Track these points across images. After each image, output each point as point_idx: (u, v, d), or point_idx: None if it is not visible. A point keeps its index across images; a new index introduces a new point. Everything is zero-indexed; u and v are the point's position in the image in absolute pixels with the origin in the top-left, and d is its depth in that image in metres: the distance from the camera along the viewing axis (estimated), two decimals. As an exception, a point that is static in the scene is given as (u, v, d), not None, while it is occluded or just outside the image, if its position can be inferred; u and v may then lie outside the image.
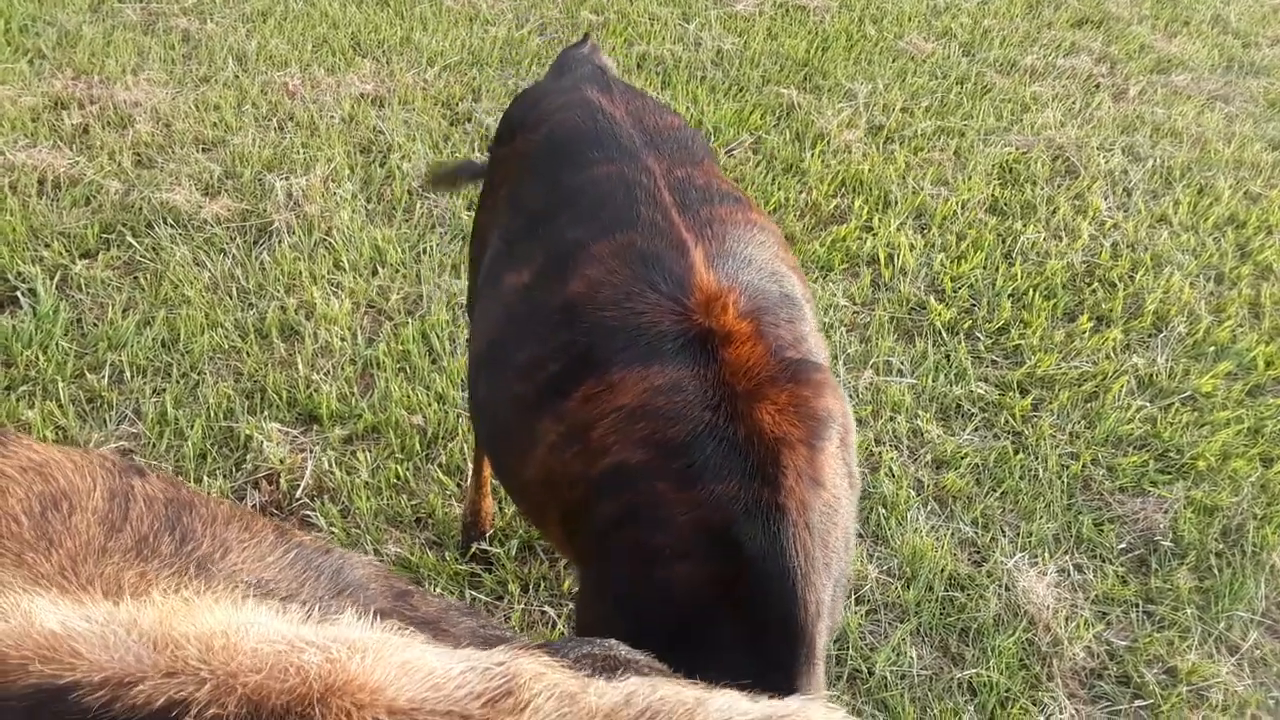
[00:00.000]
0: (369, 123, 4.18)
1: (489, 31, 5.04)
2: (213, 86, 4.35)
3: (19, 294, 3.17)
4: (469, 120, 4.33)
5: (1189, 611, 2.74)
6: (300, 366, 3.05)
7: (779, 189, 4.11)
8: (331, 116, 4.22)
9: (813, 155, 4.34)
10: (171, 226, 3.50)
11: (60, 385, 2.87)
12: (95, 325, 3.11)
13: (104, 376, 2.95)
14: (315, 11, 5.03)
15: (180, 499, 0.95)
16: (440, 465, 2.83)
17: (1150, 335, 3.67)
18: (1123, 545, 2.89)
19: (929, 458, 3.08)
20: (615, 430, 1.52)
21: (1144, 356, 3.54)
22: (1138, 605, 2.74)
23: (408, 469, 2.80)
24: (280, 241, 3.50)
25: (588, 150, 1.85)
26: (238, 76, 4.43)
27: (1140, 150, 4.72)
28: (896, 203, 4.14)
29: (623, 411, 1.52)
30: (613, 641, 0.95)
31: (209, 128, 4.06)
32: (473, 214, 3.69)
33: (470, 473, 2.65)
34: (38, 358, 2.95)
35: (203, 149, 3.95)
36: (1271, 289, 3.93)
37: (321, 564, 0.96)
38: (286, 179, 3.77)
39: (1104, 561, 2.85)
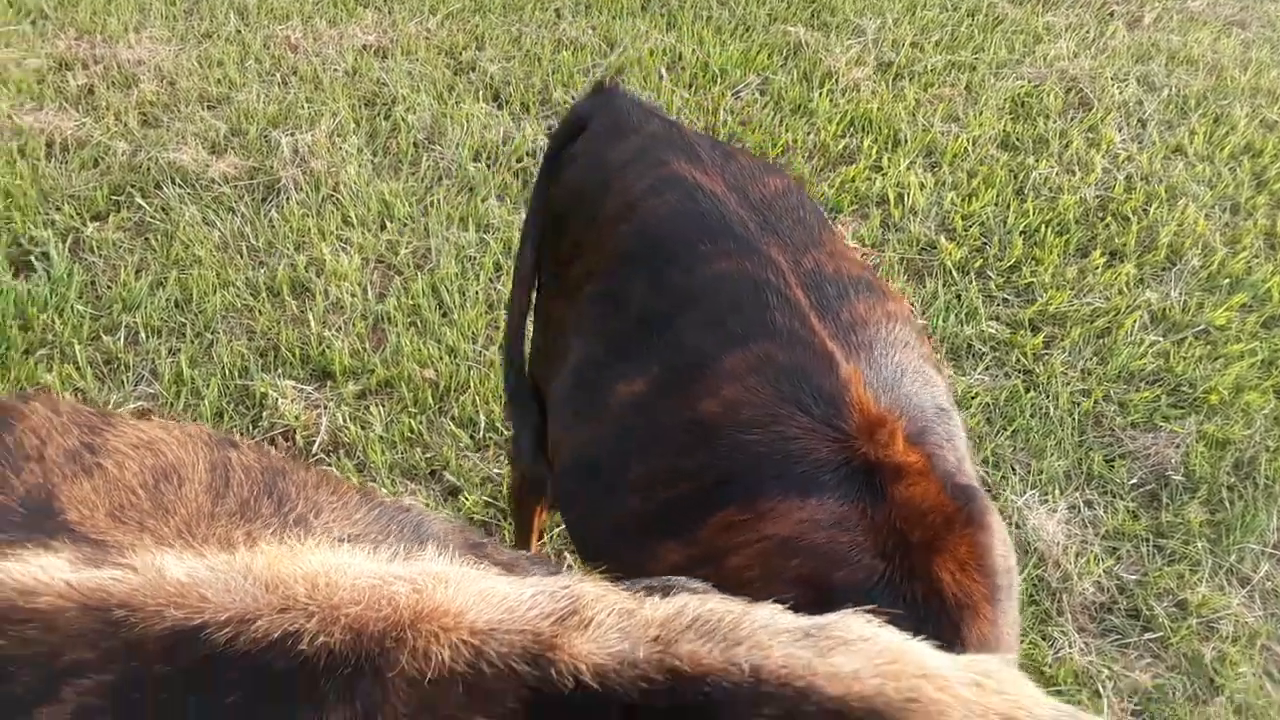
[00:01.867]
0: (372, 75, 4.16)
1: (491, -23, 4.98)
2: (215, 42, 4.33)
3: (33, 258, 3.20)
4: (473, 69, 4.30)
5: (1200, 545, 2.76)
6: (312, 323, 3.07)
7: (787, 130, 4.08)
8: (335, 69, 4.19)
9: (821, 95, 4.29)
10: (180, 186, 3.51)
11: (77, 347, 2.91)
12: (109, 287, 3.14)
13: (119, 338, 2.98)
14: (315, -38, 4.98)
15: (273, 466, 1.02)
16: (453, 418, 2.86)
17: (1164, 269, 3.64)
18: (1134, 481, 2.90)
19: (940, 398, 3.09)
20: (760, 562, 1.38)
21: (1157, 291, 3.52)
22: (1148, 540, 2.76)
23: (421, 422, 2.84)
24: (288, 198, 3.51)
25: (698, 244, 1.63)
26: (239, 31, 4.40)
27: (1155, 80, 4.64)
28: (906, 141, 4.10)
29: (772, 542, 1.37)
30: (671, 577, 0.99)
31: (213, 85, 4.05)
32: (478, 169, 3.69)
33: (513, 528, 2.42)
34: (54, 321, 2.98)
35: (208, 106, 3.94)
36: (1288, 218, 3.89)
37: (403, 520, 1.04)
38: (292, 135, 3.77)
39: (1114, 497, 2.86)
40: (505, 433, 2.79)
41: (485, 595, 0.78)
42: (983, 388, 3.12)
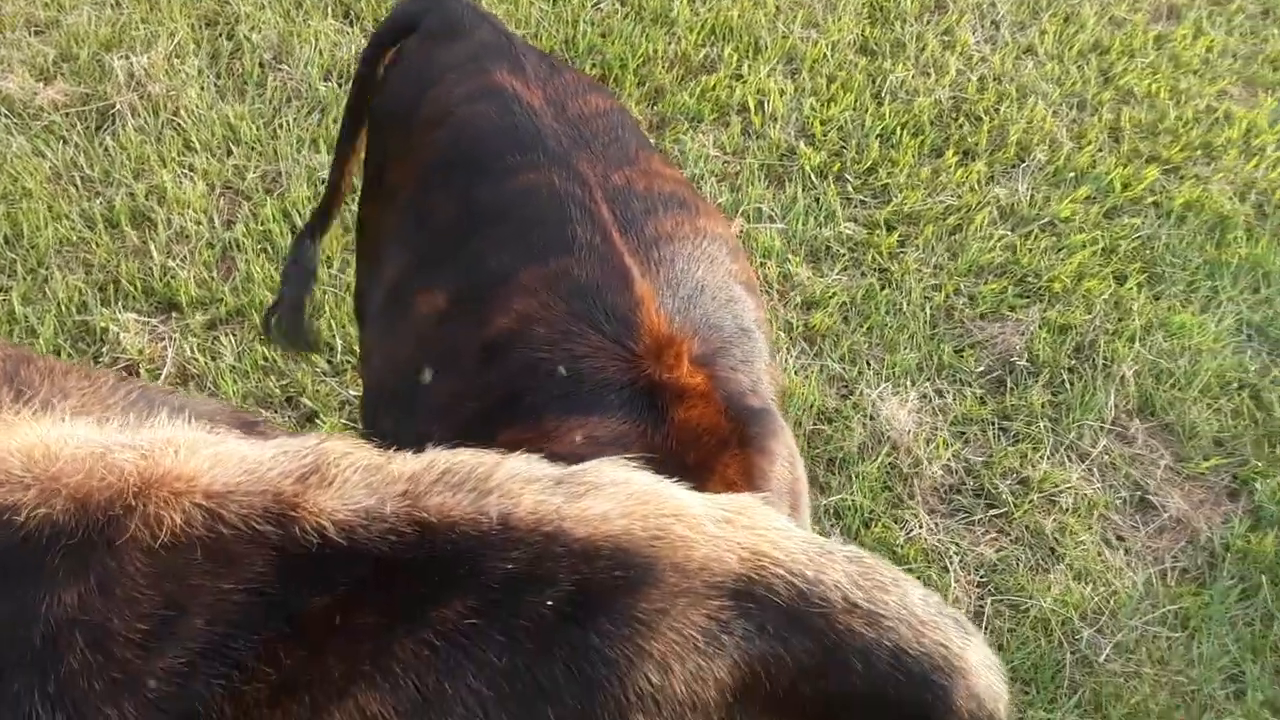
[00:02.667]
0: (213, -6, 3.97)
1: (337, -111, 4.77)
2: (40, -36, 4.07)
3: None
4: (321, -14, 4.13)
5: (1042, 425, 2.89)
6: (155, 254, 2.96)
7: (647, 40, 4.04)
8: (172, -11, 3.99)
9: (682, 3, 4.25)
10: (6, 116, 3.33)
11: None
12: (-68, 225, 2.97)
13: (-55, 278, 2.84)
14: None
15: (18, 355, 0.97)
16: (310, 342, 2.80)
17: (1013, 166, 3.74)
18: (981, 369, 3.02)
19: (799, 300, 3.15)
20: None
21: (1006, 187, 3.62)
22: (994, 423, 2.89)
23: (274, 350, 2.78)
24: (124, 125, 3.35)
25: (506, 154, 1.61)
26: (67, -49, 4.15)
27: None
28: (766, 48, 4.10)
29: (559, 457, 1.38)
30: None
31: (40, 8, 3.81)
32: (328, 88, 3.57)
33: None
34: None
35: (35, 31, 3.72)
36: (1132, 112, 4.02)
37: (167, 400, 0.98)
38: (127, 58, 3.59)
39: (963, 385, 2.97)
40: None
41: (220, 458, 0.77)
42: (840, 287, 3.19)
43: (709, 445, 1.36)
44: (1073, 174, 3.70)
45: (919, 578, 2.47)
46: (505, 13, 4.09)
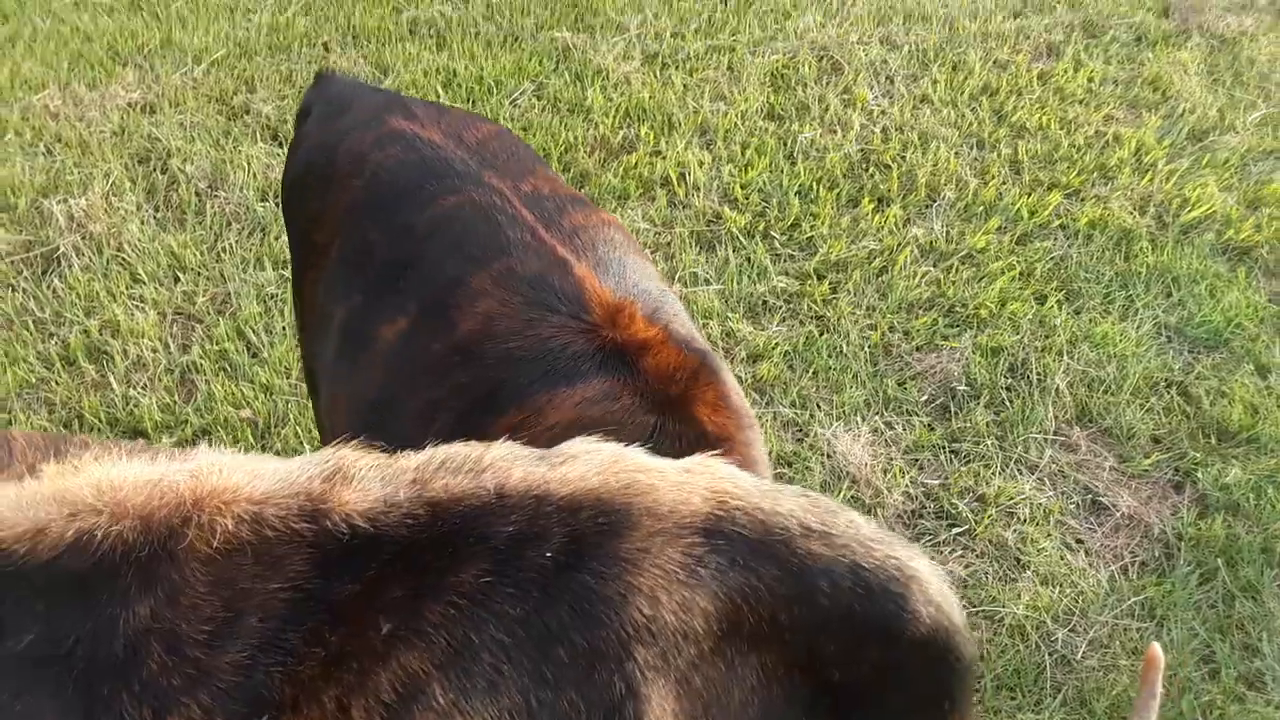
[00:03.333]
0: (142, 131, 4.08)
1: (252, 19, 4.94)
2: (-34, 121, 4.14)
3: None
4: (247, 112, 4.26)
5: (989, 443, 3.04)
6: (115, 385, 3.01)
7: (566, 129, 4.22)
8: (101, 131, 4.09)
9: (594, 92, 4.46)
10: (-51, 271, 3.37)
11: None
12: (-114, 385, 2.99)
13: (-93, 434, 2.85)
14: (65, 28, 4.82)
15: (54, 439, 1.08)
16: (276, 452, 2.86)
17: (926, 206, 3.96)
18: (924, 397, 3.17)
19: (743, 354, 3.29)
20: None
21: (922, 226, 3.83)
22: (944, 447, 3.03)
23: (245, 462, 2.82)
24: (70, 266, 3.41)
25: (424, 184, 1.77)
26: (-9, 107, 4.23)
27: (896, 38, 5.01)
28: (680, 124, 4.31)
29: (559, 427, 1.50)
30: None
31: (-30, 164, 3.88)
32: (266, 208, 3.68)
33: None
34: None
35: (-32, 187, 3.78)
36: (1027, 145, 4.29)
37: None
38: (65, 201, 3.66)
39: (911, 415, 3.12)
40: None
41: (257, 472, 0.90)
42: (781, 337, 3.34)
43: (684, 378, 1.54)
44: (982, 208, 3.93)
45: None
46: (428, 118, 4.23)
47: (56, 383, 3.02)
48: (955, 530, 2.82)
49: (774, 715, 0.96)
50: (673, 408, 1.52)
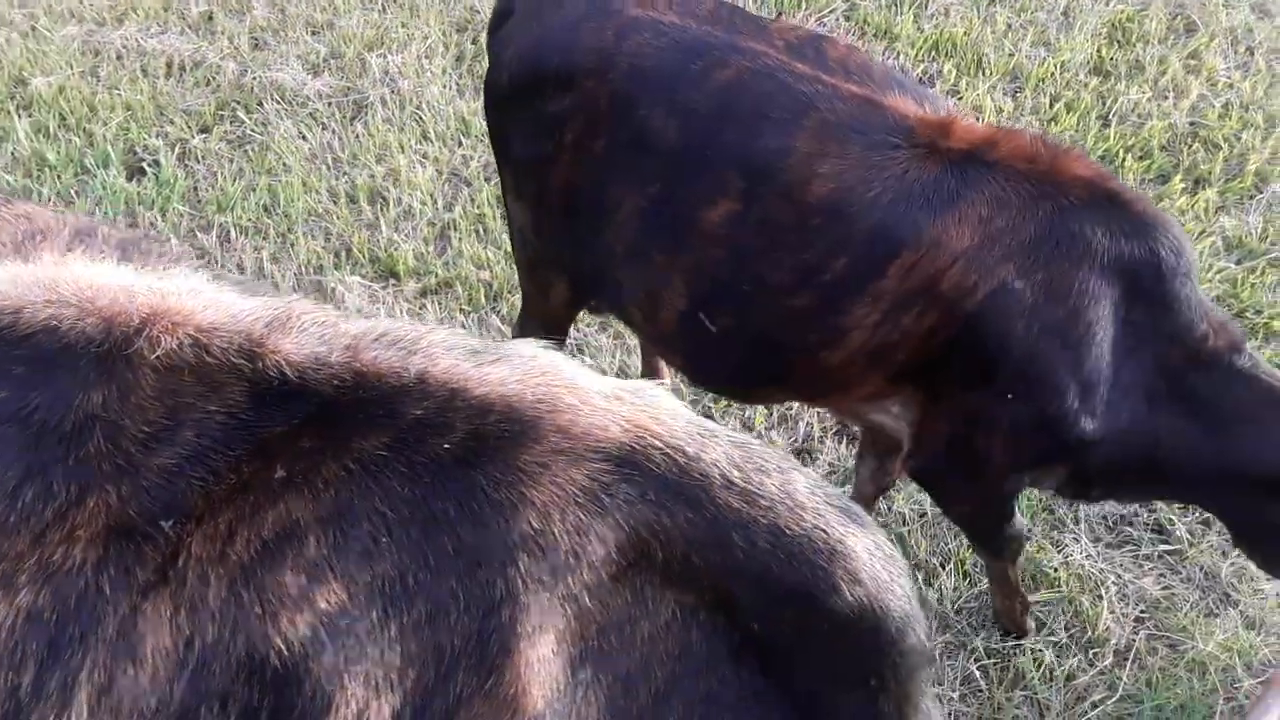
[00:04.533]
0: (468, 1, 4.36)
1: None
2: (327, -26, 4.60)
3: (144, 164, 3.54)
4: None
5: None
6: (384, 228, 3.31)
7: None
8: (431, -4, 4.40)
9: (906, 18, 4.25)
10: (278, 103, 3.80)
11: (174, 243, 3.22)
12: (208, 192, 3.45)
13: (212, 236, 3.29)
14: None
15: (132, 239, 1.22)
16: (501, 316, 3.05)
17: (1249, 197, 3.50)
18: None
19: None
20: (972, 269, 1.64)
21: (1236, 218, 3.40)
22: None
23: (473, 319, 3.03)
24: (374, 115, 3.74)
25: (689, 64, 1.81)
26: (350, -37, 4.66)
27: (1271, 6, 4.39)
28: (990, 65, 4.03)
29: (971, 248, 1.63)
30: None
31: (319, 11, 4.32)
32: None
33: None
34: (157, 219, 3.31)
35: (312, 31, 4.22)
36: (1401, 147, 3.66)
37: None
38: (384, 57, 4.00)
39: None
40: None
41: (215, 303, 0.98)
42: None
43: (1041, 149, 1.68)
44: (1318, 208, 3.42)
45: (1068, 601, 2.39)
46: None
47: (337, 216, 3.35)
48: (1163, 547, 2.55)
49: (694, 657, 0.96)
50: (1056, 178, 1.63)
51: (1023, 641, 2.39)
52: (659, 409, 1.00)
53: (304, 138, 3.67)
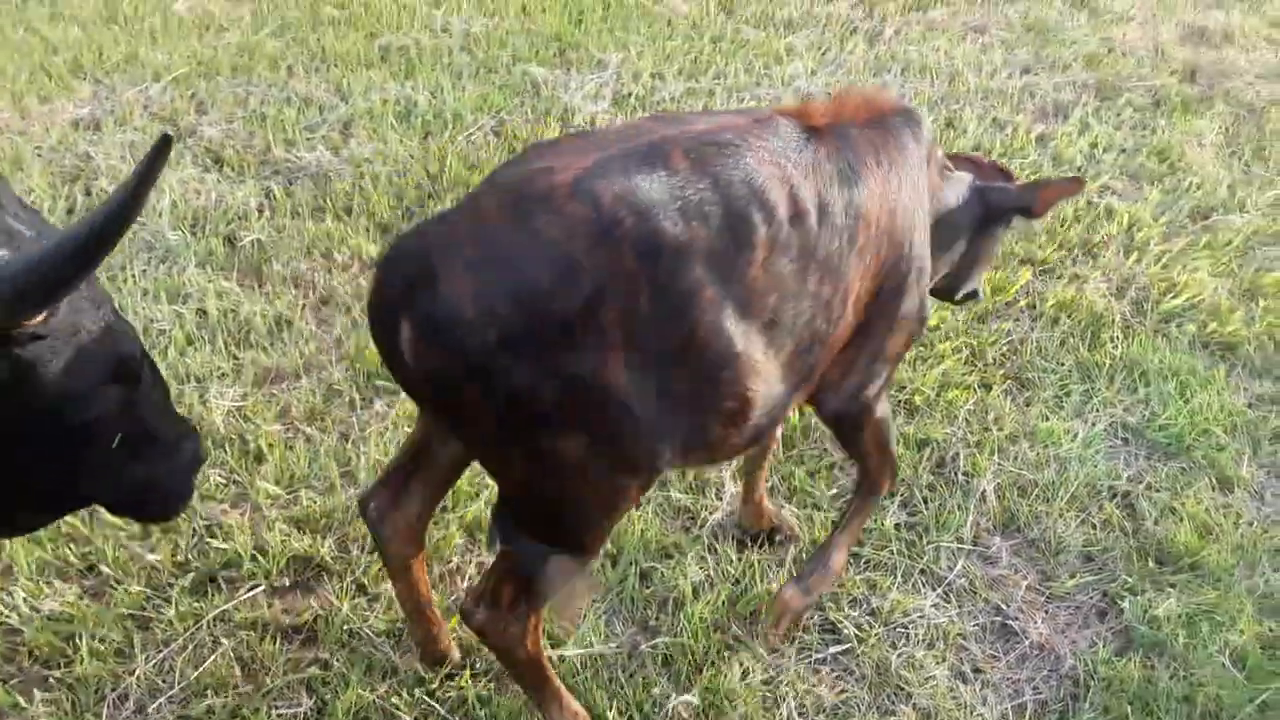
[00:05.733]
0: (78, 150, 3.98)
1: (222, 39, 4.84)
2: (-87, 129, 4.09)
3: None
4: (191, 134, 4.15)
5: (895, 548, 2.74)
6: None
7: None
8: (39, 146, 4.00)
9: (554, 132, 4.26)
10: None
11: None
12: None
13: None
14: (34, 38, 4.77)
15: None
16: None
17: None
18: (833, 492, 2.88)
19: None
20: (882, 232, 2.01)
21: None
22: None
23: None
24: None
25: (657, 168, 1.75)
26: (-59, 115, 4.18)
27: (890, 89, 4.74)
28: (638, 170, 4.08)
29: (883, 218, 2.00)
30: None
31: None
32: (179, 237, 3.53)
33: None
34: None
35: None
36: (1008, 214, 3.97)
37: None
38: (-23, 219, 3.56)
39: (814, 510, 2.84)
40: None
41: None
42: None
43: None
44: (944, 280, 3.63)
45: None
46: (375, 150, 4.10)
47: None
48: (836, 649, 2.52)
49: None
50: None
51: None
52: None
53: None
